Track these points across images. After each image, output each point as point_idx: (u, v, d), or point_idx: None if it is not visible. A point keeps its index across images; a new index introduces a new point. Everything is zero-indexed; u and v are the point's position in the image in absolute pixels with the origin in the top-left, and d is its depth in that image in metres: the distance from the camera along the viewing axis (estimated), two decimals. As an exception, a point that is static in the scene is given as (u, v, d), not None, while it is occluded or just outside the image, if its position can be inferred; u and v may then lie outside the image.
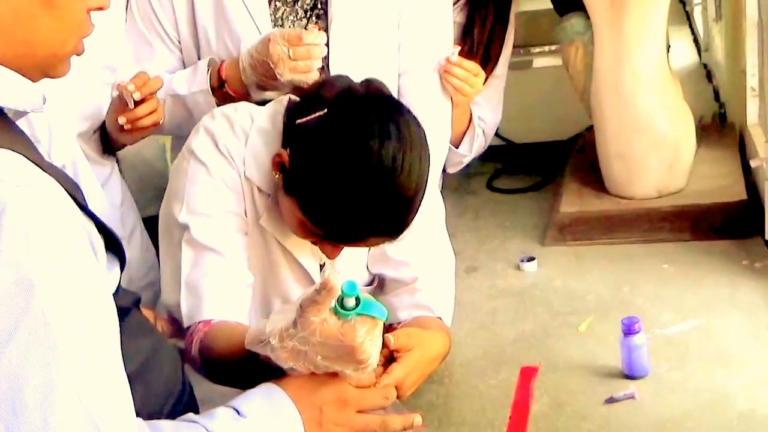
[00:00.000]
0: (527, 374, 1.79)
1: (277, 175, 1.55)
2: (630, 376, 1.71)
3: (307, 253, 1.67)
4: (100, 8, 1.13)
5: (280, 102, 1.65)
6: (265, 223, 1.63)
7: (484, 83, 2.26)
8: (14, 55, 1.06)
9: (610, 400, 1.66)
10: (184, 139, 2.00)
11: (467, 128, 2.29)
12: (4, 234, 0.96)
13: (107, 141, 1.96)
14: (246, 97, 1.88)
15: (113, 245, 1.16)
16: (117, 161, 2.07)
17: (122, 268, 1.20)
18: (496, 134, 2.79)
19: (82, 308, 1.01)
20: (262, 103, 1.76)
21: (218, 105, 1.89)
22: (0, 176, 0.98)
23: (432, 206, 1.79)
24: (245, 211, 1.63)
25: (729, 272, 2.07)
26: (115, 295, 1.15)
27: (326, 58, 1.87)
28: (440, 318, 1.70)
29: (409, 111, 1.52)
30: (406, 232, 1.59)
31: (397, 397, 1.45)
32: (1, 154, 1.00)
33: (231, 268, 1.59)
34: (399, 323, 1.70)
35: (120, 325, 1.10)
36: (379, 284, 1.80)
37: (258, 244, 1.66)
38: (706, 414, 1.58)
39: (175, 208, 1.61)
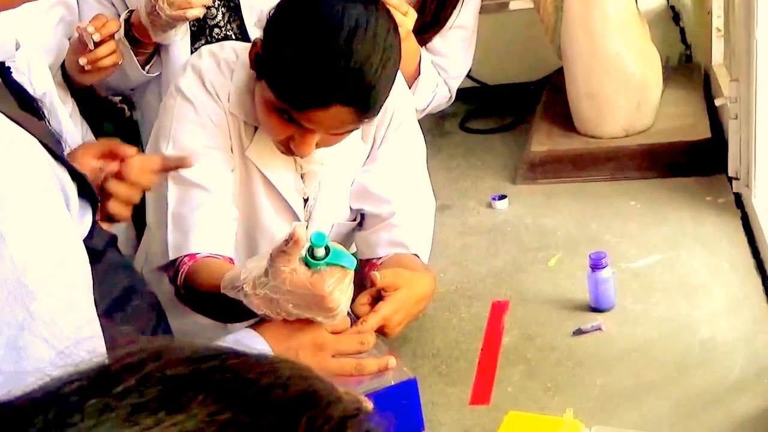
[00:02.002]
0: (498, 308, 1.81)
1: (254, 71, 1.53)
2: (597, 309, 1.73)
3: (291, 188, 1.67)
4: None
5: None
6: (251, 154, 1.63)
7: (439, 33, 2.23)
8: None
9: (578, 332, 1.68)
10: (149, 96, 2.03)
11: (416, 75, 2.19)
12: None
13: (69, 81, 1.97)
14: (151, 41, 1.92)
15: (86, 190, 1.16)
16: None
17: (95, 212, 1.20)
18: (469, 76, 2.79)
19: (53, 259, 1.01)
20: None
21: (134, 51, 1.92)
22: None
23: (415, 146, 1.79)
24: (231, 147, 1.62)
25: (693, 208, 2.09)
26: (90, 238, 1.15)
27: None
28: (417, 255, 1.71)
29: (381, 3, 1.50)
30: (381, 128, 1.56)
31: (385, 334, 1.47)
32: None
33: (217, 203, 1.59)
34: (379, 259, 1.71)
35: (95, 267, 1.10)
36: (359, 221, 1.80)
37: (243, 181, 1.66)
38: (669, 343, 1.61)
39: (162, 144, 1.61)
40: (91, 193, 1.17)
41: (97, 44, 1.82)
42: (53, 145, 1.08)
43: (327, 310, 1.26)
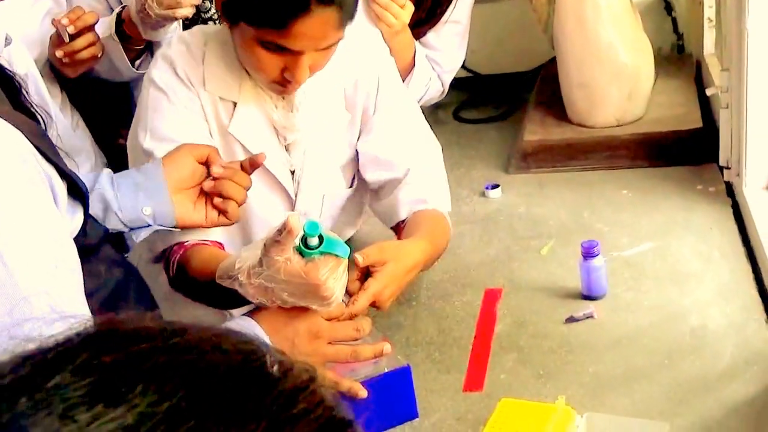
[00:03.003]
0: (491, 296, 1.81)
1: (227, 25, 1.52)
2: (589, 297, 1.73)
3: (277, 161, 1.67)
4: None
5: None
6: (233, 130, 1.62)
7: (434, 27, 2.22)
8: None
9: (570, 320, 1.68)
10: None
11: (410, 69, 2.20)
12: None
13: (58, 73, 1.96)
14: (141, 37, 1.91)
15: (76, 190, 1.16)
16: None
17: (86, 212, 1.20)
18: (463, 66, 2.79)
19: (41, 252, 1.00)
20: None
21: (124, 47, 1.91)
22: None
23: (405, 100, 1.79)
24: (210, 132, 1.62)
25: (684, 197, 2.09)
26: (83, 235, 1.15)
27: None
28: (437, 209, 1.72)
29: None
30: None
31: (378, 308, 1.48)
32: None
33: None
34: (403, 222, 1.71)
35: (89, 262, 1.10)
36: (372, 190, 1.80)
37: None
38: (660, 330, 1.61)
39: (140, 135, 1.61)
40: (80, 193, 1.16)
41: (73, 36, 1.81)
42: (42, 143, 1.08)
43: (322, 299, 1.26)
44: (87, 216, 1.20)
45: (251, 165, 1.52)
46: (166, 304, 1.60)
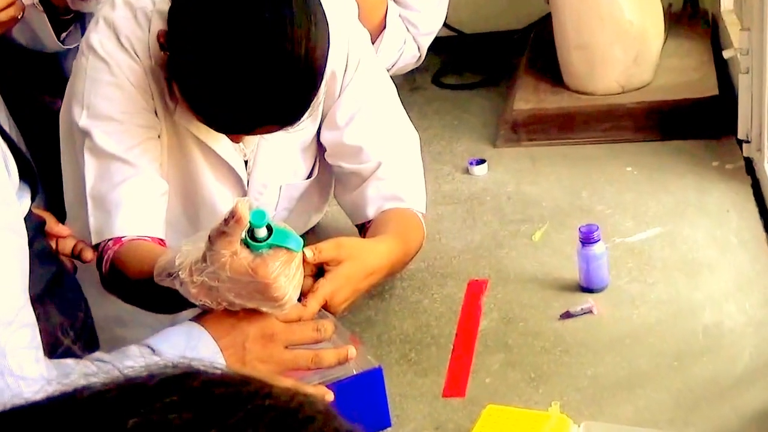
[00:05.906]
0: (476, 288, 1.81)
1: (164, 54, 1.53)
2: (587, 289, 1.73)
3: (230, 148, 1.66)
4: None
5: None
6: (179, 117, 1.61)
7: None
8: None
9: (566, 316, 1.68)
10: None
11: (381, 29, 2.17)
12: None
13: None
14: (69, 7, 1.91)
15: (29, 174, 1.16)
16: None
17: (33, 199, 1.20)
18: (445, 24, 2.78)
19: None
20: None
21: (49, 17, 1.91)
22: None
23: (379, 81, 1.77)
24: (155, 110, 1.60)
25: (697, 175, 2.10)
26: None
27: None
28: (411, 208, 1.73)
29: None
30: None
31: (330, 312, 1.46)
32: None
33: (141, 178, 1.58)
34: (369, 222, 1.70)
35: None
36: (338, 180, 1.80)
37: (174, 146, 1.64)
38: (668, 328, 1.62)
39: (75, 111, 1.58)
40: (32, 175, 1.17)
41: None
42: None
43: (272, 300, 1.25)
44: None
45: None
46: (102, 299, 1.59)
